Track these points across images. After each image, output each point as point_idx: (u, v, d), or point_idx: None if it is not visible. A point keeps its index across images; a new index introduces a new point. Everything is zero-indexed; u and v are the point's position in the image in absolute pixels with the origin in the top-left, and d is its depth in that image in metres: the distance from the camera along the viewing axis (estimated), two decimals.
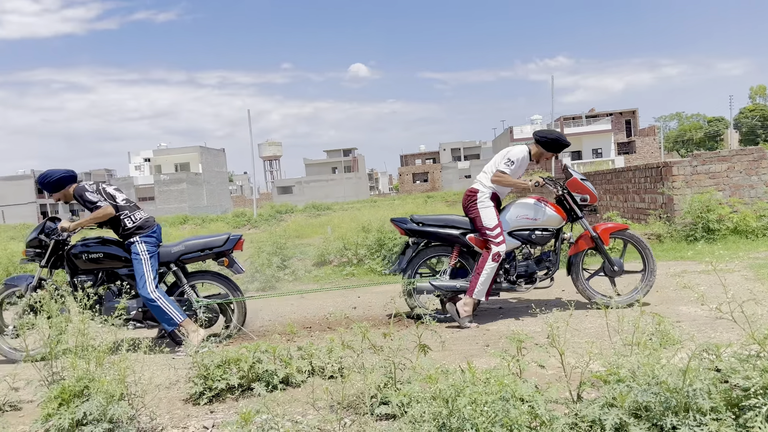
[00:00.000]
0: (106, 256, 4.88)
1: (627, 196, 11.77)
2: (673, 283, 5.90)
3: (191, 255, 5.03)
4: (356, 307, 6.32)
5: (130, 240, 4.83)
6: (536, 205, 5.16)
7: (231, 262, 5.09)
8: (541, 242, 5.19)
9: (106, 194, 4.87)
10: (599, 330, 4.37)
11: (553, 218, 5.16)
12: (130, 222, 4.84)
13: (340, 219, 16.11)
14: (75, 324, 3.19)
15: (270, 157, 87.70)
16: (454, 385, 2.44)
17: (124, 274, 4.96)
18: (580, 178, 5.20)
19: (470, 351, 4.20)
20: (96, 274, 4.92)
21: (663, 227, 9.35)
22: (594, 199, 5.21)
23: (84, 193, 4.77)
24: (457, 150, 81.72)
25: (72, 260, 4.89)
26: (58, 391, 2.83)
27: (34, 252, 4.90)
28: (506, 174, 5.07)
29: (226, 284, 5.13)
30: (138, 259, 4.78)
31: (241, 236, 5.20)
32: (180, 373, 3.80)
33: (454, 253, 5.30)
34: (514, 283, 5.18)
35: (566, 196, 5.21)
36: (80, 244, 4.92)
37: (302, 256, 10.21)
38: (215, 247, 5.04)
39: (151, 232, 4.90)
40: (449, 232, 5.26)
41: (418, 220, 5.38)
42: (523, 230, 5.17)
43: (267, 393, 3.17)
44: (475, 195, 5.17)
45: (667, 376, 2.30)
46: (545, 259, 5.25)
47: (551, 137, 5.16)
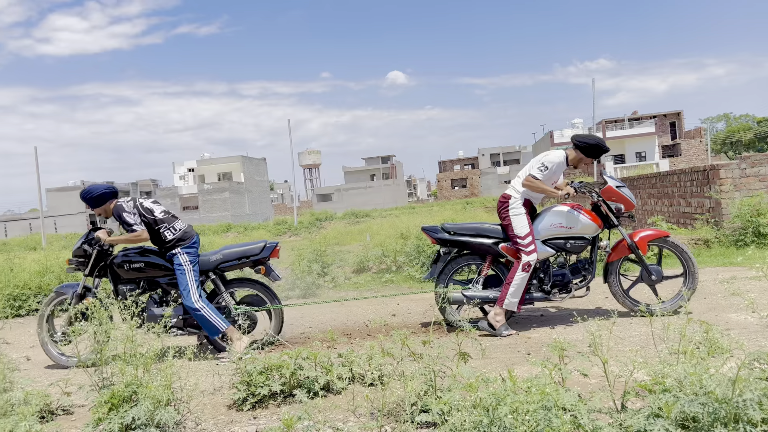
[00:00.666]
0: (147, 266, 5.01)
1: (672, 200, 11.48)
2: (722, 290, 5.72)
3: (229, 263, 5.12)
4: (395, 315, 6.32)
5: (172, 252, 4.93)
6: (570, 212, 5.03)
7: (268, 270, 5.15)
8: (576, 251, 5.07)
9: (144, 210, 4.95)
10: (644, 338, 4.27)
11: (589, 226, 5.02)
12: (170, 234, 4.94)
13: (379, 226, 16.16)
14: (123, 331, 3.30)
15: (310, 166, 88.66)
16: (494, 394, 2.43)
17: (164, 282, 5.08)
18: (615, 186, 5.04)
19: (511, 359, 4.15)
20: (137, 282, 5.06)
21: (710, 232, 9.08)
22: (630, 207, 5.04)
23: (122, 213, 4.88)
24: (496, 155, 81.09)
25: (114, 270, 5.05)
26: (108, 396, 2.92)
27: (78, 261, 5.06)
28: (538, 179, 4.95)
29: (263, 292, 5.20)
30: (181, 270, 4.88)
31: (278, 244, 5.26)
32: (224, 380, 3.87)
33: (487, 262, 5.21)
34: (548, 293, 5.07)
35: (602, 204, 5.07)
36: (122, 254, 5.06)
37: (341, 264, 10.28)
38: (252, 255, 5.12)
39: (192, 242, 5.00)
40: (481, 241, 5.17)
41: (450, 228, 5.30)
42: (558, 239, 5.05)
43: (308, 399, 3.21)
44: (507, 201, 5.08)
45: (716, 386, 2.24)
46: (581, 267, 5.12)
47: (590, 142, 5.01)
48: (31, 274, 9.18)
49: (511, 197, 5.08)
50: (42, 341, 5.10)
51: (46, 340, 5.09)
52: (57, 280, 8.87)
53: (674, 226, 10.75)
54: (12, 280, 8.82)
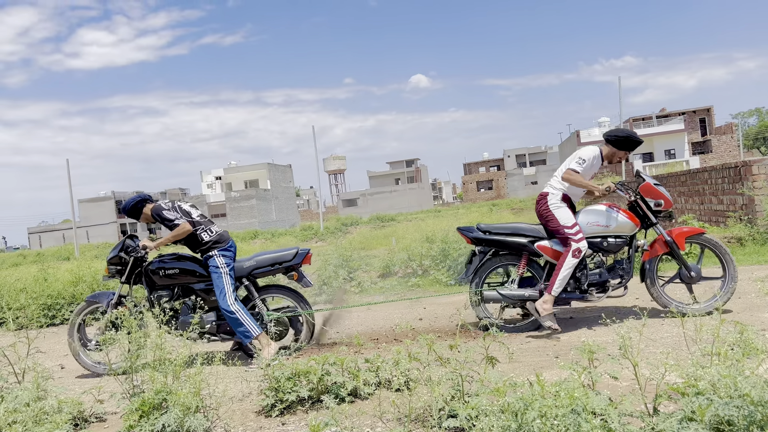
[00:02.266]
0: (181, 272, 5.06)
1: (703, 198, 11.25)
2: (757, 289, 5.58)
3: (262, 269, 5.15)
4: (422, 319, 6.30)
5: (208, 254, 4.99)
6: (607, 211, 4.99)
7: (300, 276, 5.18)
8: (613, 250, 5.01)
9: (182, 211, 5.07)
10: (676, 340, 4.19)
11: (626, 225, 4.97)
12: (207, 236, 5.02)
13: (405, 230, 16.15)
14: (153, 339, 3.34)
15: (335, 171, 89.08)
16: (522, 398, 2.40)
17: (199, 288, 5.12)
18: (653, 183, 4.99)
19: (539, 362, 4.10)
20: (172, 289, 5.11)
21: (744, 230, 8.87)
22: (669, 204, 4.99)
23: (162, 212, 5.00)
24: (522, 156, 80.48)
25: (149, 276, 5.11)
26: (139, 404, 2.96)
27: (116, 269, 5.14)
28: (578, 173, 4.93)
29: (295, 298, 5.23)
30: (218, 272, 4.93)
31: (309, 250, 5.29)
32: (252, 386, 3.90)
33: (522, 261, 5.19)
34: (585, 292, 5.01)
35: (639, 202, 5.01)
36: (157, 260, 5.13)
37: (368, 268, 10.29)
38: (285, 261, 5.15)
39: (228, 245, 5.06)
40: (517, 240, 5.15)
41: (485, 228, 5.30)
42: (595, 237, 5.00)
43: (336, 405, 3.21)
44: (545, 198, 5.07)
45: (751, 388, 2.18)
46: (618, 267, 5.05)
47: (623, 135, 5.00)
48: (64, 283, 9.38)
49: (549, 193, 5.07)
50: (74, 350, 5.18)
51: (78, 348, 5.17)
52: (89, 289, 9.05)
53: (706, 224, 10.53)
54: (46, 290, 9.02)
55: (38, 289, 9.08)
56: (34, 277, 10.31)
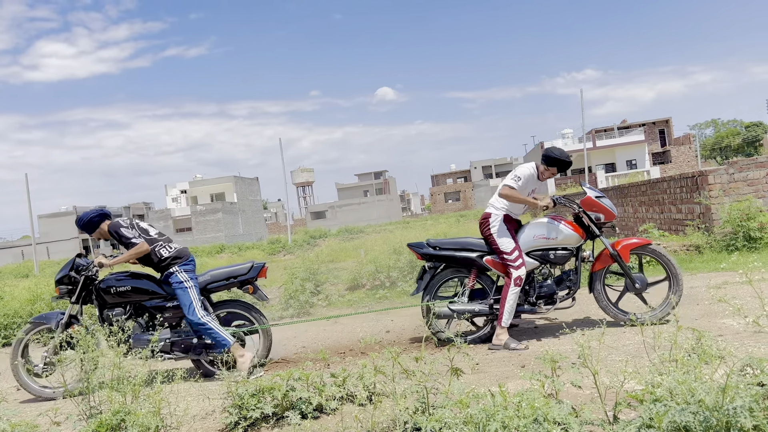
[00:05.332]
0: (133, 290, 4.96)
1: (663, 207, 11.52)
2: (712, 296, 5.73)
3: (217, 284, 5.12)
4: (389, 331, 6.29)
5: (169, 270, 4.92)
6: (552, 223, 5.08)
7: (255, 290, 5.17)
8: (560, 262, 5.10)
9: (140, 229, 4.99)
10: (636, 347, 4.26)
11: (571, 237, 5.06)
12: (166, 252, 4.95)
13: (373, 242, 16.13)
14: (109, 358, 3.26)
15: (303, 184, 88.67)
16: (485, 410, 2.41)
17: (151, 306, 5.03)
18: (595, 196, 5.08)
19: (504, 372, 4.13)
20: (124, 307, 5.00)
21: (702, 238, 9.11)
22: (610, 217, 5.07)
23: (119, 229, 4.90)
24: (489, 167, 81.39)
25: (101, 294, 4.98)
26: (96, 425, 2.88)
27: (66, 289, 4.99)
28: (513, 189, 5.02)
29: (251, 312, 5.19)
30: (182, 287, 4.86)
31: (265, 264, 5.27)
32: (215, 403, 3.83)
33: (472, 275, 5.26)
34: (534, 305, 5.10)
35: (583, 215, 5.11)
36: (108, 278, 5.01)
37: (335, 281, 10.24)
38: (240, 275, 5.13)
39: (189, 260, 5.00)
40: (466, 255, 5.22)
41: (434, 244, 5.36)
42: (541, 250, 5.09)
43: (300, 421, 3.17)
44: (487, 220, 5.14)
45: (706, 394, 2.22)
46: (566, 278, 5.14)
47: (551, 155, 5.10)
48: (21, 302, 9.10)
49: (491, 215, 5.14)
50: (17, 374, 4.96)
51: (22, 372, 4.96)
52: (48, 307, 8.79)
53: (666, 233, 10.78)
54: (2, 309, 8.73)
55: None
56: None
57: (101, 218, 5.05)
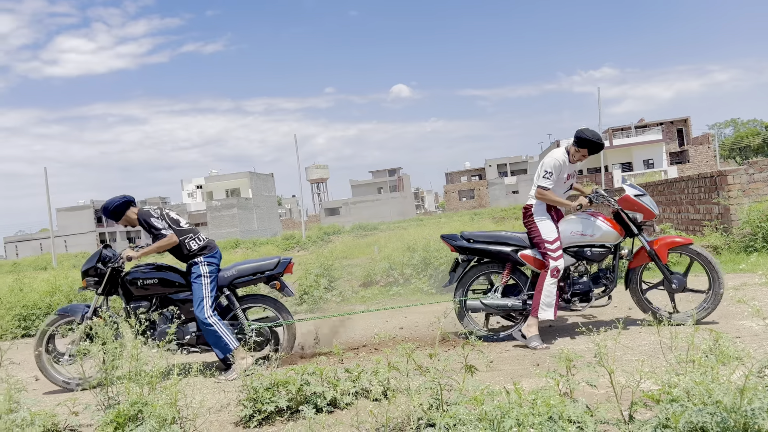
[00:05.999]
0: (160, 282, 4.97)
1: (680, 207, 11.41)
2: (730, 297, 5.66)
3: (243, 279, 5.10)
4: (403, 328, 6.30)
5: (194, 261, 4.89)
6: (590, 220, 4.98)
7: (282, 286, 5.14)
8: (596, 259, 5.01)
9: (170, 219, 4.96)
10: (653, 347, 4.23)
11: (609, 234, 4.95)
12: (195, 244, 4.93)
13: (387, 239, 16.14)
14: (129, 350, 3.30)
15: (317, 180, 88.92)
16: (500, 407, 2.41)
17: (177, 299, 5.04)
18: (634, 195, 4.96)
19: (518, 371, 4.12)
20: (150, 299, 5.02)
21: (720, 239, 9.01)
22: (649, 216, 4.98)
23: (149, 219, 4.86)
24: (503, 166, 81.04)
25: (127, 286, 4.99)
26: (114, 416, 2.92)
27: (93, 281, 4.99)
28: (548, 190, 4.93)
29: (276, 307, 5.19)
30: (198, 282, 4.84)
31: (291, 259, 5.25)
32: (230, 396, 3.87)
33: (506, 270, 5.18)
34: (569, 302, 5.02)
35: (621, 212, 5.01)
36: (135, 270, 5.02)
37: (349, 277, 10.27)
38: (266, 270, 5.11)
39: (214, 253, 4.99)
40: (500, 248, 5.14)
41: (469, 236, 5.28)
42: (578, 247, 5.00)
43: (314, 415, 3.19)
44: (529, 209, 5.06)
45: (724, 395, 2.21)
46: (602, 276, 5.05)
47: (582, 136, 4.95)
48: (40, 293, 9.22)
49: (534, 205, 5.05)
50: (41, 364, 4.99)
51: (46, 362, 4.99)
52: (66, 299, 8.90)
53: (683, 233, 10.67)
54: (21, 300, 8.85)
55: (13, 299, 8.91)
56: (9, 287, 10.11)
57: (127, 205, 5.01)
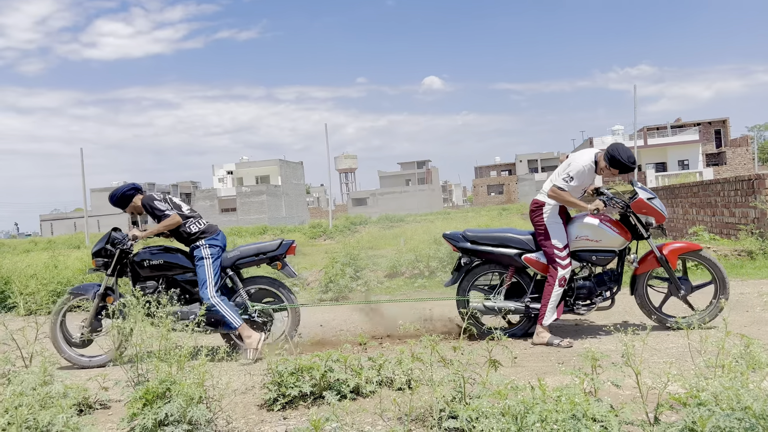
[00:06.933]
0: (166, 263, 5.08)
1: (715, 210, 11.17)
2: (764, 303, 5.55)
3: (246, 259, 5.19)
4: (427, 320, 6.30)
5: (195, 244, 5.02)
6: (597, 225, 4.84)
7: (284, 266, 5.23)
8: (602, 263, 4.94)
9: (173, 204, 5.11)
10: (680, 351, 4.17)
11: (615, 239, 4.84)
12: (196, 227, 5.06)
13: (413, 231, 16.13)
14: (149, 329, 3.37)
15: (346, 170, 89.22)
16: (523, 402, 2.41)
17: (183, 280, 5.15)
18: (646, 198, 4.82)
19: (542, 368, 4.10)
20: (157, 280, 5.12)
21: (755, 243, 8.80)
22: (661, 220, 4.86)
23: (153, 203, 5.03)
24: (534, 161, 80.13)
25: (135, 267, 5.11)
26: (143, 392, 2.99)
27: (102, 261, 5.12)
28: (564, 191, 4.78)
29: (279, 289, 5.25)
30: (201, 263, 4.96)
31: (293, 241, 5.34)
32: (255, 379, 3.93)
33: (510, 272, 5.08)
34: (572, 306, 4.96)
35: (631, 215, 4.89)
36: (142, 251, 5.15)
37: (374, 268, 10.30)
38: (269, 251, 5.19)
39: (216, 236, 5.09)
40: (503, 251, 5.02)
41: (472, 237, 5.14)
42: (584, 251, 4.91)
43: (337, 402, 3.22)
44: (540, 208, 4.91)
45: (753, 401, 2.17)
46: (606, 279, 4.96)
47: (615, 155, 4.66)
48: (74, 271, 9.47)
49: (545, 204, 4.91)
50: (55, 340, 5.10)
51: (60, 340, 5.11)
52: (98, 277, 9.12)
53: (716, 236, 10.46)
54: (56, 277, 9.10)
55: (48, 276, 9.16)
56: (45, 263, 10.41)
57: (134, 192, 5.17)
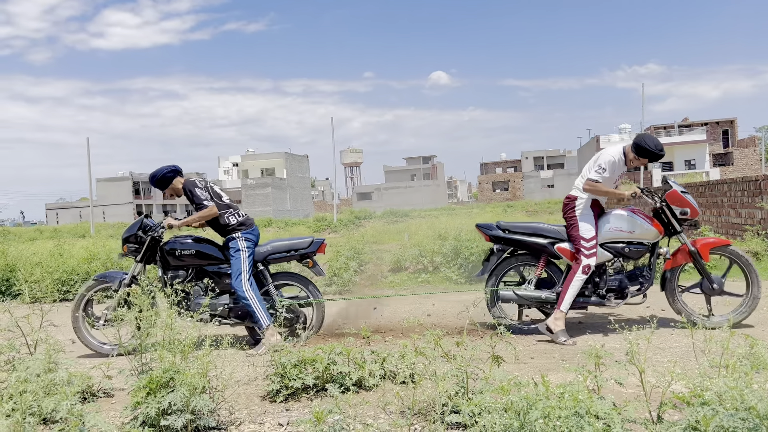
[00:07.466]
0: (197, 253, 5.07)
1: (721, 210, 11.13)
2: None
3: (278, 255, 5.21)
4: (430, 315, 6.31)
5: (232, 236, 5.00)
6: (631, 217, 4.92)
7: (314, 264, 5.25)
8: (634, 256, 4.96)
9: (213, 193, 5.09)
10: (685, 350, 4.16)
11: (649, 232, 4.89)
12: (234, 219, 5.04)
13: (417, 226, 16.12)
14: (163, 318, 3.38)
15: (351, 164, 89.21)
16: (526, 398, 2.41)
17: (212, 271, 5.14)
18: (680, 191, 4.89)
19: (546, 364, 4.10)
20: (186, 270, 5.12)
21: (761, 244, 8.77)
22: (695, 213, 4.90)
23: (194, 189, 4.99)
24: (540, 159, 79.95)
25: (165, 256, 5.10)
26: (147, 381, 3.00)
27: (133, 248, 5.11)
28: (598, 182, 4.84)
29: (306, 286, 5.27)
30: (237, 256, 4.95)
31: (324, 240, 5.35)
32: (259, 371, 3.94)
33: (541, 262, 5.13)
34: (603, 297, 4.96)
35: (665, 209, 4.93)
36: (173, 240, 5.13)
37: (379, 262, 10.31)
38: (300, 249, 5.21)
39: (252, 229, 5.09)
40: (536, 240, 5.10)
41: (505, 227, 5.23)
42: (616, 243, 4.94)
43: (340, 394, 3.23)
44: (573, 202, 4.99)
45: (758, 402, 2.16)
46: (638, 274, 4.99)
47: (642, 144, 4.77)
48: (79, 260, 9.51)
49: (578, 198, 4.98)
50: (77, 328, 5.13)
51: (82, 326, 5.12)
52: (103, 267, 9.15)
53: (723, 236, 10.42)
54: (61, 265, 9.14)
55: (53, 264, 9.21)
56: (50, 252, 10.46)
57: (174, 174, 5.15)
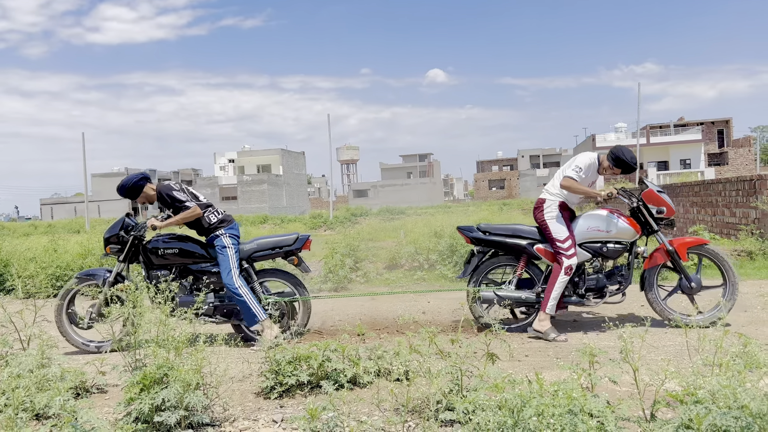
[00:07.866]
0: (180, 252, 5.07)
1: (716, 209, 11.16)
2: (763, 303, 5.56)
3: (262, 253, 5.20)
4: (425, 312, 6.31)
5: (215, 234, 5.01)
6: (608, 216, 4.96)
7: (300, 261, 5.24)
8: (612, 256, 5.01)
9: (190, 194, 5.09)
10: (678, 348, 4.17)
11: (627, 231, 4.94)
12: (215, 217, 5.06)
13: (413, 224, 16.12)
14: (155, 315, 3.37)
15: (347, 161, 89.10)
16: (520, 396, 2.41)
17: (196, 269, 5.14)
18: (656, 190, 4.96)
19: (540, 362, 4.11)
20: (170, 269, 5.11)
21: (755, 244, 8.80)
22: (671, 212, 4.95)
23: (171, 192, 4.99)
24: (536, 157, 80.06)
25: (148, 255, 5.09)
26: (140, 377, 2.99)
27: (116, 248, 5.10)
28: (575, 180, 4.91)
29: (293, 283, 5.26)
30: (224, 252, 4.96)
31: (309, 236, 5.34)
32: (253, 367, 3.93)
33: (521, 263, 5.19)
34: (583, 297, 5.02)
35: (641, 209, 4.99)
36: (156, 239, 5.12)
37: (374, 259, 10.30)
38: (285, 245, 5.20)
39: (233, 225, 5.11)
40: (516, 241, 5.15)
41: (485, 228, 5.30)
42: (594, 242, 4.99)
43: (334, 391, 3.23)
44: (542, 206, 5.06)
45: (750, 400, 2.17)
46: (617, 273, 5.04)
47: (618, 155, 4.91)
48: (73, 255, 9.48)
49: (546, 200, 5.05)
50: (60, 325, 5.06)
51: (66, 325, 5.06)
52: (98, 262, 9.12)
53: (716, 236, 10.46)
54: (55, 261, 9.11)
55: (48, 260, 9.18)
56: (45, 247, 10.42)
57: (145, 181, 5.11)
